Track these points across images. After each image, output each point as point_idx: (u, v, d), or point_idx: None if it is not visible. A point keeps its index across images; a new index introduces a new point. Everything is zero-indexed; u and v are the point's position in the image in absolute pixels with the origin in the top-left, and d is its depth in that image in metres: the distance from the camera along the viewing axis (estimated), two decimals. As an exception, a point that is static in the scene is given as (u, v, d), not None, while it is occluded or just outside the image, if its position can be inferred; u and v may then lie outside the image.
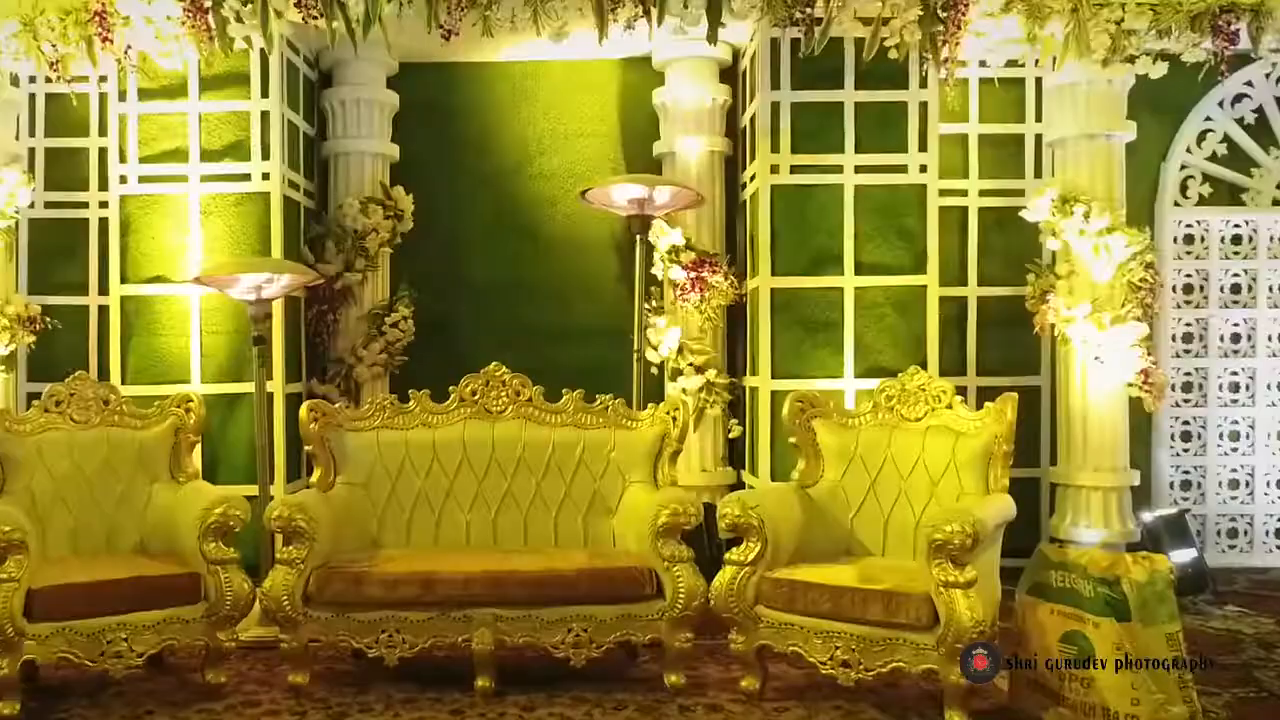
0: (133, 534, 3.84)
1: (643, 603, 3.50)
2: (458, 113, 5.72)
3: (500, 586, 3.49)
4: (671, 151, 5.50)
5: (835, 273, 4.98)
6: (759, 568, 3.39)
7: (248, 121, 5.02)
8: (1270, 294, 5.61)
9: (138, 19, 4.76)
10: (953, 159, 5.47)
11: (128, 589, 3.41)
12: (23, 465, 3.73)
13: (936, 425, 3.70)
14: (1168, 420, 5.59)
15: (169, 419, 3.95)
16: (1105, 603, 3.06)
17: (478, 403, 4.04)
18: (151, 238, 5.06)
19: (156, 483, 3.89)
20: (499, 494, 3.96)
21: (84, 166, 5.61)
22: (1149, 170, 5.55)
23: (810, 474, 3.83)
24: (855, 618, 3.23)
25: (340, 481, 3.90)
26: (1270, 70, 5.51)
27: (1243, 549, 5.59)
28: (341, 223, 5.41)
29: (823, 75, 4.96)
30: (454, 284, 5.68)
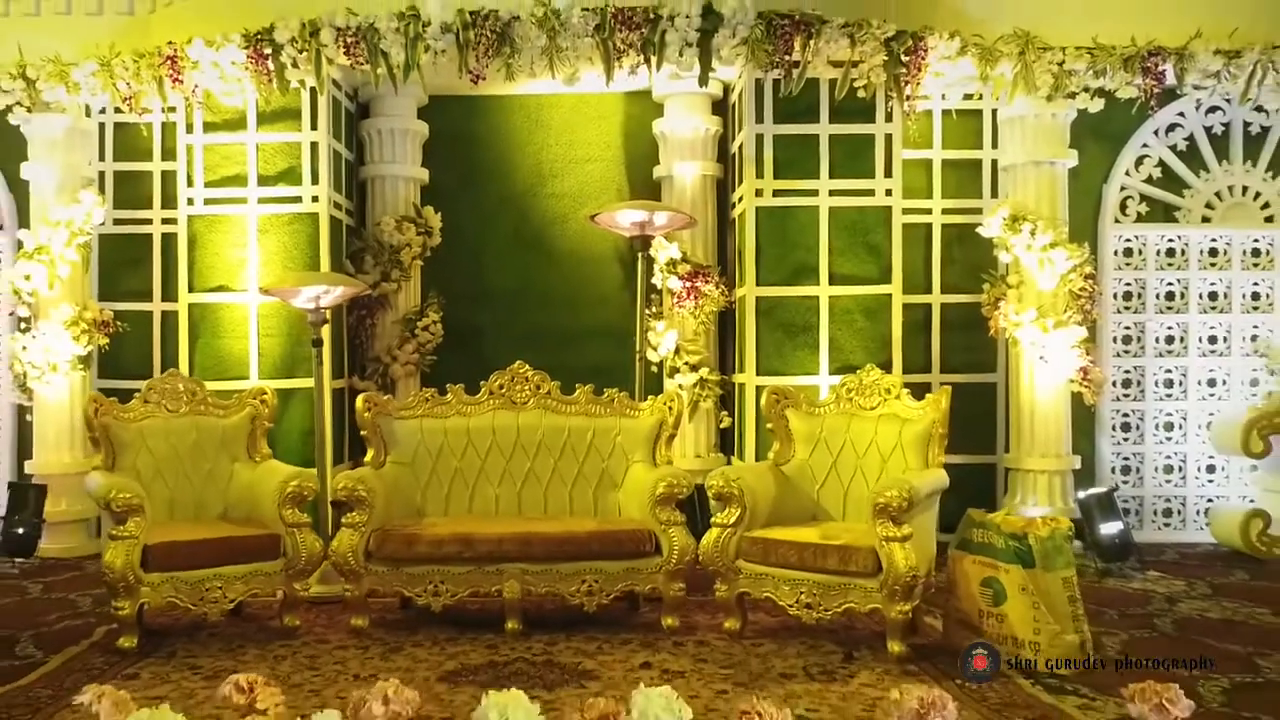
0: (218, 504, 4.68)
1: (644, 558, 4.33)
2: (480, 140, 6.56)
3: (527, 545, 4.32)
4: (669, 175, 6.34)
5: (812, 283, 5.81)
6: (739, 529, 4.22)
7: (299, 151, 5.86)
8: (1200, 301, 6.43)
9: (205, 63, 5.60)
10: (918, 181, 6.30)
11: (222, 546, 4.25)
12: (129, 446, 4.57)
13: (887, 413, 4.53)
14: (1109, 412, 6.41)
15: (246, 408, 4.79)
16: (1014, 554, 3.89)
17: (504, 395, 4.87)
18: (215, 252, 5.90)
19: (237, 461, 4.73)
20: (523, 471, 4.79)
21: (148, 187, 6.44)
22: (1092, 191, 6.37)
23: (783, 454, 4.66)
24: (817, 568, 4.06)
25: (390, 461, 4.73)
26: (1199, 103, 6.32)
27: (1175, 526, 6.41)
28: (379, 238, 6.26)
29: (800, 111, 5.79)
30: (477, 292, 6.53)
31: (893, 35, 5.54)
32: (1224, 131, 6.40)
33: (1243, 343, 6.39)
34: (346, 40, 5.31)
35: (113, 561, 4.00)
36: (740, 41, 5.35)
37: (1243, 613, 4.71)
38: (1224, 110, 6.35)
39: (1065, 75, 5.84)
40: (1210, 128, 6.39)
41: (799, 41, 5.42)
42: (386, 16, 5.27)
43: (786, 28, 5.36)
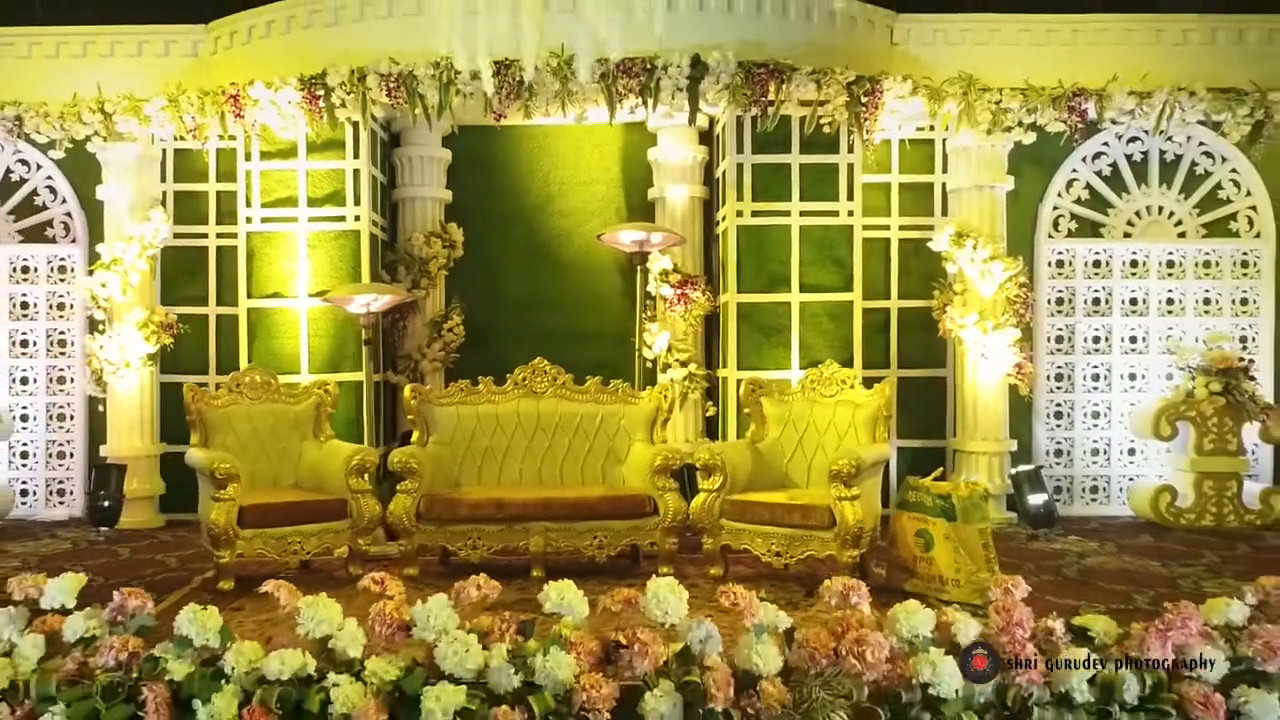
0: (290, 476, 5.74)
1: (644, 518, 5.41)
2: (496, 165, 7.63)
3: (548, 508, 5.39)
4: (662, 196, 7.43)
5: (784, 291, 6.89)
6: (722, 493, 5.31)
7: (343, 177, 6.91)
8: (1122, 306, 7.55)
9: (265, 101, 6.64)
10: (878, 201, 7.41)
11: (302, 508, 5.31)
12: (218, 428, 5.63)
13: (843, 400, 5.64)
14: (1044, 402, 7.52)
15: (313, 397, 5.85)
16: (940, 510, 4.99)
17: (527, 385, 5.95)
18: (270, 264, 6.94)
19: (305, 441, 5.79)
20: (543, 449, 5.87)
21: (204, 206, 7.46)
22: (1029, 210, 7.48)
23: (759, 434, 5.76)
24: (784, 523, 5.14)
25: (432, 441, 5.79)
26: (1120, 134, 7.44)
27: (1101, 501, 7.53)
28: (410, 251, 7.32)
29: (775, 143, 6.86)
30: (494, 298, 7.59)
31: (853, 80, 6.60)
32: (1143, 159, 7.52)
33: (1158, 342, 7.51)
34: (389, 85, 6.35)
35: (217, 519, 5.06)
36: (723, 87, 6.41)
37: (1136, 564, 5.83)
38: (1142, 140, 7.47)
39: (1002, 112, 6.94)
40: (1131, 155, 7.51)
41: (773, 86, 6.49)
42: (424, 65, 6.31)
43: (762, 75, 6.43)
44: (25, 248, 7.50)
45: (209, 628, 3.24)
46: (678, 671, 3.23)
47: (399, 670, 3.22)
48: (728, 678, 3.20)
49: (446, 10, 4.50)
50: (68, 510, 7.45)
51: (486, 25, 4.46)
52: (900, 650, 3.25)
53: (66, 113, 6.91)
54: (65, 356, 7.51)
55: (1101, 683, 3.22)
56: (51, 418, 7.52)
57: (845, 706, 3.16)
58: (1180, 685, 3.23)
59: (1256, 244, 7.51)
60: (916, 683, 3.19)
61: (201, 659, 3.26)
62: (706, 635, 3.27)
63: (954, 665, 3.18)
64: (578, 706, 3.15)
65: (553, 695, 3.17)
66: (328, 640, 3.27)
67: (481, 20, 4.50)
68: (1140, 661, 3.24)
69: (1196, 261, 7.54)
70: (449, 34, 4.59)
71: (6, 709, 3.17)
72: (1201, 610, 3.37)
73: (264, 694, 3.15)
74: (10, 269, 7.50)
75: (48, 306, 7.52)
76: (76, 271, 7.45)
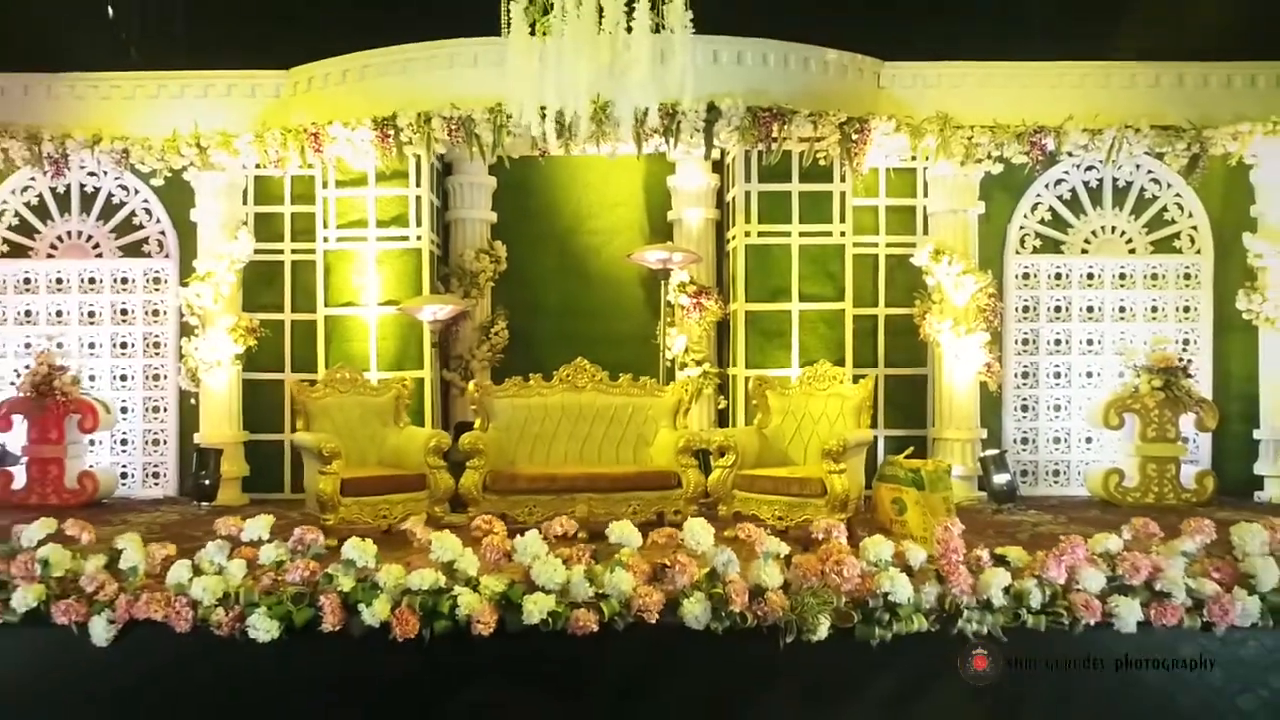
0: (375, 456, 7.09)
1: (670, 490, 6.74)
2: (535, 190, 8.97)
3: (591, 481, 6.73)
4: (680, 218, 8.78)
5: (786, 300, 8.22)
6: (734, 469, 6.66)
7: (406, 202, 8.25)
8: (1080, 313, 8.89)
9: (341, 139, 7.98)
10: (868, 222, 8.75)
11: (391, 481, 6.66)
12: (318, 416, 6.98)
13: (833, 393, 7.00)
14: (1012, 397, 8.87)
15: (393, 390, 7.21)
16: (911, 481, 6.32)
17: (570, 381, 7.30)
18: (343, 277, 8.29)
19: (386, 427, 7.15)
20: (584, 434, 7.22)
21: (280, 225, 8.79)
22: (998, 230, 8.82)
23: (764, 421, 7.11)
24: (785, 492, 6.49)
25: (492, 427, 7.14)
26: (1078, 164, 8.78)
27: (1062, 483, 8.88)
28: (461, 266, 8.68)
29: (777, 174, 8.20)
30: (534, 306, 8.95)
31: (845, 120, 7.94)
32: (1098, 185, 8.87)
33: (1112, 344, 8.86)
34: (450, 127, 7.69)
35: (324, 488, 6.40)
36: (734, 128, 7.76)
37: (1082, 532, 7.11)
38: (1097, 169, 8.81)
39: (974, 146, 8.28)
40: (1087, 182, 8.86)
41: (776, 126, 7.83)
42: (480, 110, 7.65)
43: (767, 117, 7.77)
44: (124, 262, 8.86)
45: (367, 553, 4.59)
46: (707, 585, 4.58)
47: (505, 584, 4.57)
48: (743, 589, 4.54)
49: (515, 70, 5.76)
50: (162, 490, 8.81)
51: (553, 83, 5.71)
52: (868, 570, 4.60)
53: (167, 146, 8.26)
54: (159, 356, 8.86)
55: (1014, 593, 4.56)
56: (147, 410, 8.87)
57: (828, 610, 4.51)
58: (1071, 595, 4.57)
59: (1197, 259, 8.86)
60: (879, 592, 4.53)
61: (360, 576, 4.60)
62: (728, 559, 4.62)
63: (907, 580, 4.53)
64: (635, 609, 4.50)
65: (617, 601, 4.51)
66: (452, 563, 4.62)
67: (546, 80, 5.74)
68: (1042, 578, 4.58)
69: (1145, 274, 8.89)
70: (518, 90, 5.84)
71: (222, 612, 4.51)
72: (1088, 543, 4.71)
73: (409, 600, 4.50)
74: (112, 280, 8.85)
75: (144, 313, 8.87)
76: (169, 283, 8.79)
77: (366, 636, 4.47)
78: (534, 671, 4.50)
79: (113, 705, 4.54)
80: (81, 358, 8.76)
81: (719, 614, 4.51)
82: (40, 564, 4.58)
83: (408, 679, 4.49)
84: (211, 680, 4.53)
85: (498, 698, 4.46)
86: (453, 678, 4.50)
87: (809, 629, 4.47)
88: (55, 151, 8.30)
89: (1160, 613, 4.54)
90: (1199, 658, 4.59)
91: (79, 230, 8.87)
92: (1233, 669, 4.61)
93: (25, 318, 8.86)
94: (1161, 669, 4.58)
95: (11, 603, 4.51)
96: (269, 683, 4.51)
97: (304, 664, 4.50)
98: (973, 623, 4.52)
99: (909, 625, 4.51)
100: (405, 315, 8.06)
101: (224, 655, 4.49)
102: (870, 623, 4.52)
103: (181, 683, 4.53)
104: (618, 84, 5.75)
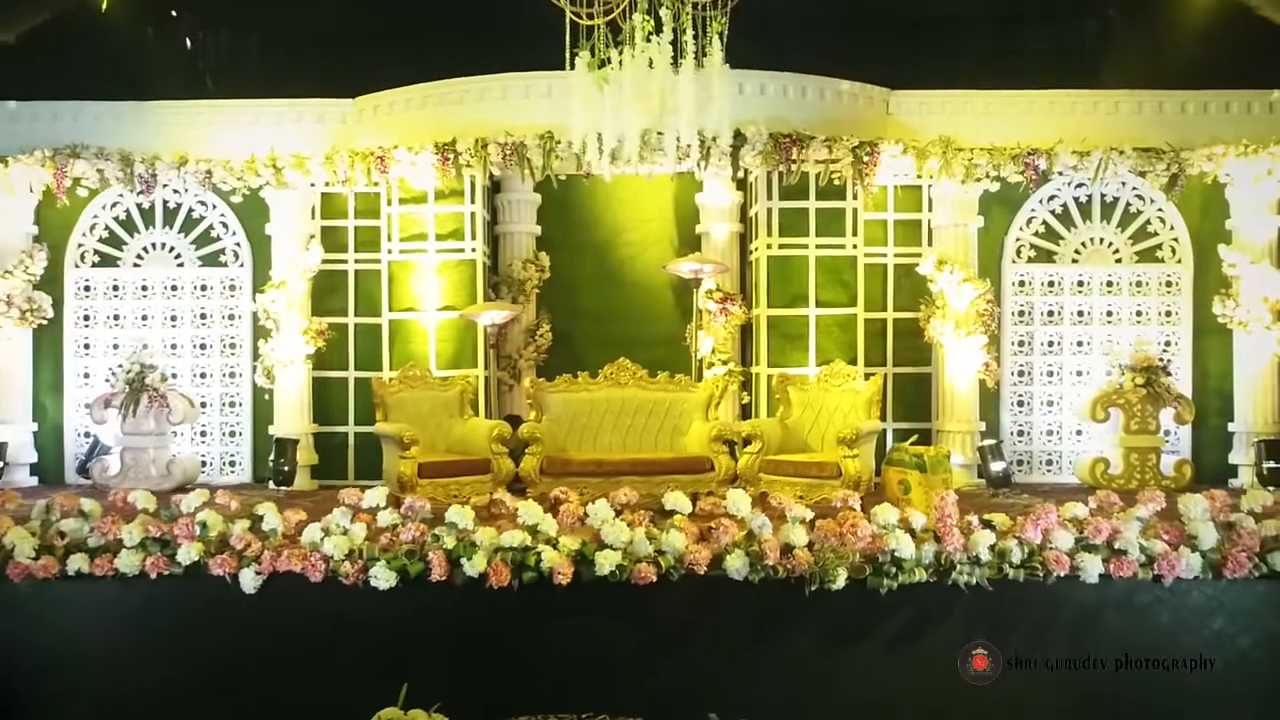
0: (444, 443, 8.24)
1: (704, 473, 7.86)
2: (576, 205, 10.12)
3: (634, 466, 7.85)
4: (707, 231, 9.93)
5: (803, 306, 9.36)
6: (760, 455, 7.79)
7: (462, 218, 9.40)
8: (1071, 317, 10.02)
9: (405, 161, 9.12)
10: (878, 234, 9.88)
11: (461, 465, 7.81)
12: (394, 409, 8.13)
13: (847, 389, 8.14)
14: (1009, 393, 10.00)
15: (458, 386, 8.37)
16: (915, 465, 7.45)
17: (613, 378, 8.44)
18: (405, 286, 9.44)
19: (453, 418, 8.31)
20: (626, 425, 8.36)
21: (344, 238, 9.94)
22: (996, 241, 9.95)
23: (786, 414, 8.26)
24: (804, 475, 7.62)
25: (545, 419, 8.27)
26: (1069, 181, 9.90)
27: (1054, 472, 10.01)
28: (509, 274, 9.83)
29: (796, 192, 9.33)
30: (574, 311, 10.11)
31: (857, 144, 9.07)
32: (1087, 200, 9.99)
33: (1100, 346, 9.98)
34: (505, 151, 8.84)
35: (404, 471, 7.54)
36: (757, 153, 8.90)
37: (1065, 511, 8.29)
38: (1086, 186, 9.92)
39: (973, 166, 9.41)
40: (1077, 197, 9.99)
41: (795, 150, 8.96)
42: (531, 136, 8.80)
43: (787, 143, 8.90)
44: (203, 270, 10.02)
45: (468, 517, 5.73)
46: (745, 544, 5.71)
47: (579, 543, 5.70)
48: (775, 547, 5.67)
49: (579, 111, 6.88)
50: (238, 477, 9.97)
51: (612, 121, 6.84)
52: (878, 532, 5.72)
53: (247, 167, 9.41)
54: (235, 356, 10.02)
55: (998, 550, 5.69)
56: (224, 404, 10.03)
57: (845, 564, 5.63)
58: (1044, 552, 5.69)
59: (1178, 268, 9.97)
60: (887, 550, 5.65)
61: (460, 536, 5.73)
62: (763, 522, 5.76)
63: (910, 540, 5.65)
64: (687, 563, 5.63)
65: (672, 556, 5.65)
66: (536, 526, 5.75)
67: (606, 118, 6.87)
68: (1020, 538, 5.70)
69: (1130, 282, 10.01)
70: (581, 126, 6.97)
71: (349, 565, 5.64)
72: (1059, 510, 5.84)
73: (501, 555, 5.63)
74: (192, 287, 10.01)
75: (221, 317, 10.03)
76: (243, 290, 9.95)
77: (467, 585, 5.59)
78: (605, 612, 5.63)
79: (259, 642, 5.68)
80: (164, 357, 9.90)
81: (755, 567, 5.64)
82: (199, 526, 5.72)
83: (502, 620, 5.62)
84: (340, 621, 5.66)
85: (575, 633, 5.59)
86: (539, 618, 5.63)
87: (829, 579, 5.59)
88: (146, 172, 9.45)
89: (1118, 567, 5.65)
90: (1150, 604, 5.71)
91: (162, 242, 10.03)
92: (1178, 614, 5.73)
93: (113, 321, 10.03)
94: (1119, 613, 5.70)
95: (177, 557, 5.65)
96: (387, 623, 5.63)
97: (416, 608, 5.63)
98: (964, 575, 5.64)
99: (911, 577, 5.63)
100: (461, 319, 9.21)
101: (350, 601, 5.62)
102: (879, 575, 5.64)
103: (315, 623, 5.67)
104: (665, 120, 6.90)
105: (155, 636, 5.68)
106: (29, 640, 5.67)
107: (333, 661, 5.65)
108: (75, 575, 5.66)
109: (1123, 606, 5.72)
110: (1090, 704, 5.68)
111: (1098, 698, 5.66)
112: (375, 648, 5.61)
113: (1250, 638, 5.74)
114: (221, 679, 5.64)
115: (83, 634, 5.68)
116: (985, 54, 9.99)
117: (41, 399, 9.93)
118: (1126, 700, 5.68)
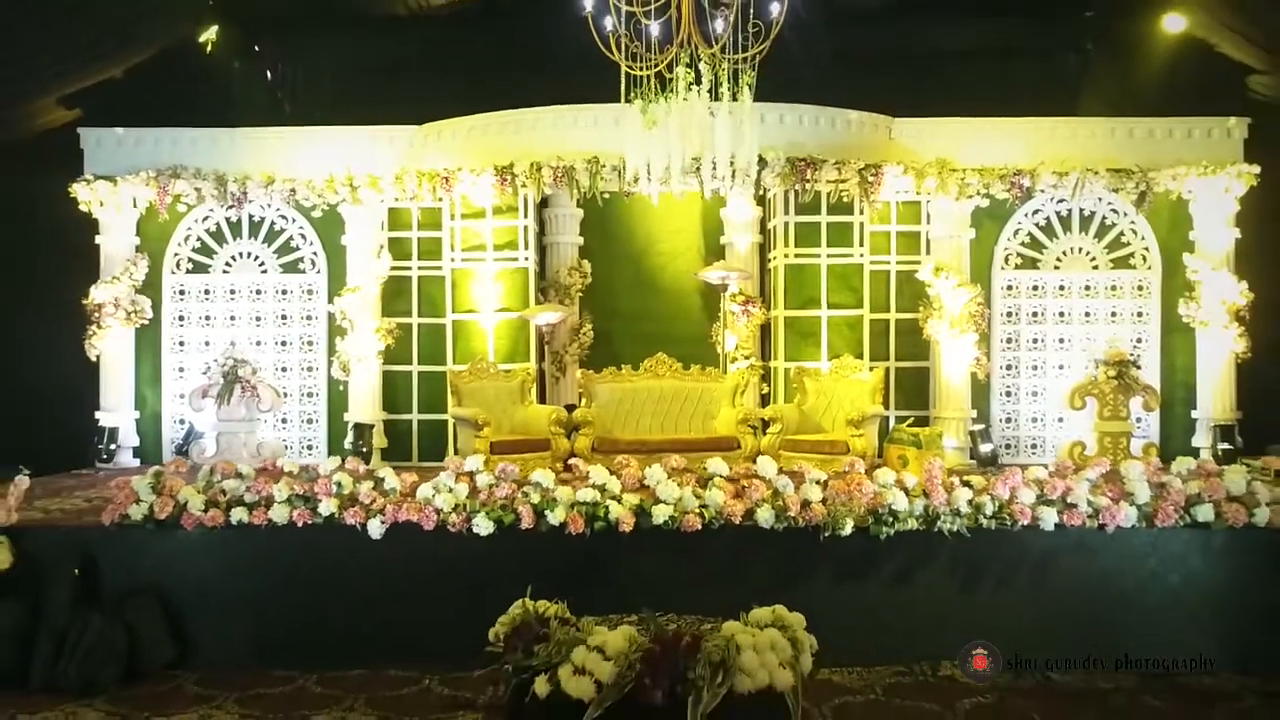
0: (509, 426, 9.91)
1: (732, 451, 9.52)
2: (615, 219, 11.80)
3: (672, 445, 9.51)
4: (730, 242, 11.61)
5: (816, 308, 11.03)
6: (780, 435, 9.47)
7: (516, 231, 11.08)
8: (1053, 317, 11.68)
9: (467, 181, 10.80)
10: (881, 245, 11.55)
11: (525, 443, 9.48)
12: (466, 396, 9.81)
13: (854, 380, 9.82)
14: (998, 385, 11.66)
15: (520, 377, 10.06)
16: (912, 442, 9.11)
17: (652, 370, 10.11)
18: (465, 290, 11.13)
19: (515, 405, 9.98)
20: (664, 410, 10.03)
21: (408, 248, 11.61)
22: (988, 250, 11.61)
23: (802, 400, 9.94)
24: (818, 451, 9.29)
25: (594, 405, 9.94)
26: (1052, 197, 11.56)
27: (1039, 455, 11.65)
28: (556, 280, 11.52)
29: (809, 207, 11.02)
30: (613, 312, 11.80)
31: (863, 166, 10.74)
32: (1068, 213, 11.65)
33: (1079, 343, 11.64)
34: (556, 174, 10.51)
35: (479, 449, 9.21)
36: (776, 175, 10.57)
37: (1042, 484, 9.95)
38: (1066, 202, 11.59)
39: (966, 185, 11.08)
40: (1059, 211, 11.65)
41: (809, 172, 10.63)
42: (580, 161, 10.47)
43: (802, 165, 10.57)
44: (284, 277, 11.70)
45: (549, 478, 7.40)
46: (772, 499, 7.36)
47: (639, 499, 7.36)
48: (796, 502, 7.33)
49: (632, 146, 8.54)
50: (315, 459, 11.61)
51: (661, 153, 8.51)
52: (878, 490, 7.37)
53: (327, 185, 11.10)
54: (312, 351, 11.70)
55: (974, 504, 7.34)
56: (303, 395, 11.71)
57: (852, 515, 7.28)
58: (1011, 506, 7.34)
59: (1148, 274, 11.64)
60: (886, 505, 7.31)
61: (543, 494, 7.39)
62: (786, 483, 7.42)
63: (904, 496, 7.30)
64: (725, 515, 7.28)
65: (714, 509, 7.30)
66: (603, 485, 7.41)
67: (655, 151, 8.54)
68: (992, 495, 7.36)
69: (1106, 286, 11.67)
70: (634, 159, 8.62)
71: (456, 516, 7.29)
72: (1024, 473, 7.50)
73: (577, 509, 7.28)
74: (274, 291, 11.70)
75: (300, 317, 11.70)
76: (319, 294, 11.63)
77: (550, 532, 7.24)
78: (660, 554, 7.28)
79: (384, 578, 7.33)
80: (250, 354, 11.56)
81: (780, 518, 7.29)
82: (336, 484, 7.38)
83: (582, 559, 7.27)
84: (449, 560, 7.31)
85: (638, 567, 7.25)
86: (608, 558, 7.29)
87: (839, 528, 7.23)
88: (238, 190, 11.14)
89: (1070, 517, 7.29)
90: (1096, 548, 7.35)
91: (248, 251, 11.71)
92: (1119, 556, 7.38)
93: (205, 321, 11.71)
94: (1071, 555, 7.34)
95: (319, 509, 7.31)
96: (486, 561, 7.28)
97: (510, 550, 7.28)
98: (947, 524, 7.29)
99: (905, 525, 7.28)
100: (516, 320, 10.89)
101: (456, 544, 7.27)
102: (879, 524, 7.28)
103: (429, 563, 7.32)
104: (704, 154, 8.58)
105: (301, 573, 7.32)
106: (200, 578, 7.32)
107: (443, 593, 7.30)
108: (237, 524, 7.31)
109: (1075, 549, 7.34)
110: (1050, 625, 7.31)
111: (1056, 619, 7.28)
112: (477, 582, 7.25)
113: (1178, 575, 7.37)
114: (354, 607, 7.29)
115: (244, 571, 7.33)
116: (977, 86, 11.71)
117: (142, 390, 11.62)
118: (1082, 620, 7.30)
